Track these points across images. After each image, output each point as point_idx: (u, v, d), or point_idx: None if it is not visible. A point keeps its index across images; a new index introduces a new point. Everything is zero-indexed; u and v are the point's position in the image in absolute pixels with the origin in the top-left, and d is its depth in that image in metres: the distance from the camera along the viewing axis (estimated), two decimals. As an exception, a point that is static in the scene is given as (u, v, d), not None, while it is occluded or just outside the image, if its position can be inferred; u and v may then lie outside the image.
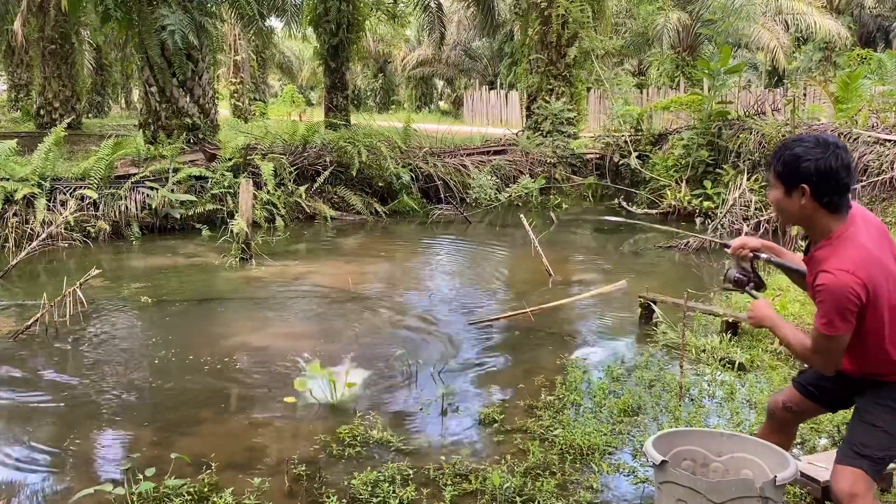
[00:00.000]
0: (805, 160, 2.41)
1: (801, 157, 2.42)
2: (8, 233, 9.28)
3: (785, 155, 2.46)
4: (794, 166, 2.43)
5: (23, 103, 22.73)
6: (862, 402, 2.60)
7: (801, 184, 2.42)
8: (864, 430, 2.54)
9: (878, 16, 31.75)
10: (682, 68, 24.63)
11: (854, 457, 2.50)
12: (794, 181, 2.44)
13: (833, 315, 2.37)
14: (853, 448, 2.52)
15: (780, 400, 2.88)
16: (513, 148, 14.57)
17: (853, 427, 2.60)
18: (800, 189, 2.43)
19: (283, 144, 12.34)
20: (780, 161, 2.47)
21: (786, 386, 2.93)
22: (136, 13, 12.14)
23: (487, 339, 5.99)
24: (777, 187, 2.50)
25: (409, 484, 3.49)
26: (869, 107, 10.98)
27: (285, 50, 38.06)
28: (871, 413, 2.54)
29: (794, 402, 2.83)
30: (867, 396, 2.59)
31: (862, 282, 2.35)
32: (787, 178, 2.45)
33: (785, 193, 2.48)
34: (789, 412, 2.85)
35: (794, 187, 2.44)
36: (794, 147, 2.46)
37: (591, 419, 4.12)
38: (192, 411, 4.47)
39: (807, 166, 2.40)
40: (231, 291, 7.59)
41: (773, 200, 2.55)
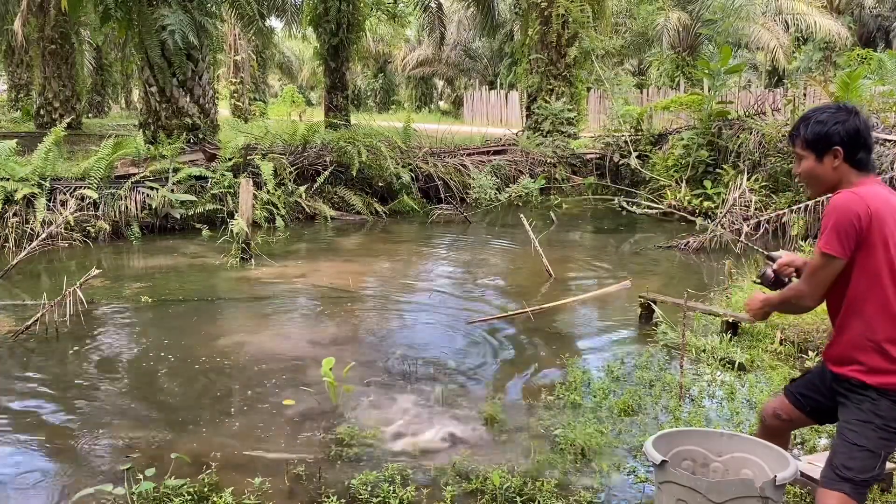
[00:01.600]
0: (834, 124, 2.49)
1: (828, 122, 2.49)
2: (8, 233, 9.28)
3: (812, 123, 2.52)
4: (824, 131, 2.49)
5: (23, 103, 22.73)
6: (845, 418, 2.53)
7: (833, 146, 2.48)
8: (847, 452, 2.47)
9: (879, 16, 31.75)
10: (682, 68, 24.65)
11: (836, 479, 2.45)
12: (827, 145, 2.50)
13: (832, 233, 2.41)
14: (835, 471, 2.47)
15: (771, 407, 2.86)
16: (513, 148, 14.58)
17: (836, 447, 2.53)
18: (832, 152, 2.49)
19: (283, 144, 12.34)
20: (808, 129, 2.52)
21: (780, 393, 2.90)
22: (136, 13, 12.15)
23: (487, 338, 5.98)
24: (807, 157, 2.55)
25: (409, 484, 3.49)
26: (869, 107, 10.98)
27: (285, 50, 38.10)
28: (854, 431, 2.47)
29: (784, 411, 2.80)
30: (851, 412, 2.51)
31: (866, 204, 2.40)
32: (818, 145, 2.51)
33: (817, 160, 2.53)
34: (779, 420, 2.82)
35: (827, 151, 2.50)
36: (818, 115, 2.53)
37: (591, 419, 4.12)
38: (192, 411, 4.47)
39: (836, 129, 2.48)
40: (231, 291, 7.59)
41: (806, 170, 2.57)
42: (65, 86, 19.48)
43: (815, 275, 2.49)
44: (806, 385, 2.76)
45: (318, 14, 16.76)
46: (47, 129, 12.50)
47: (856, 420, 2.48)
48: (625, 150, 13.89)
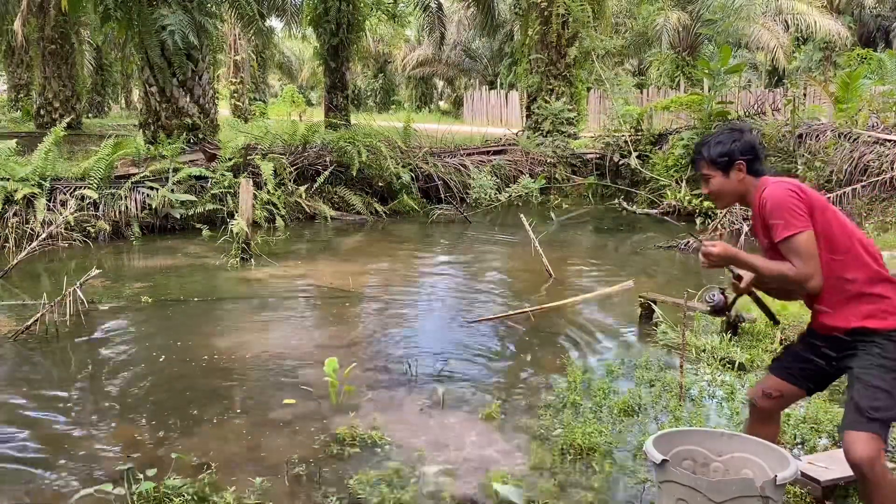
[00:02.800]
0: (732, 142, 2.79)
1: (727, 142, 2.80)
2: (8, 233, 9.28)
3: (713, 145, 2.82)
4: (726, 150, 2.79)
5: (23, 103, 22.72)
6: (860, 367, 2.64)
7: (736, 161, 2.78)
8: (871, 394, 2.58)
9: (879, 16, 31.75)
10: (682, 68, 24.65)
11: (866, 422, 2.55)
12: (731, 162, 2.79)
13: (784, 216, 2.63)
14: (865, 414, 2.56)
15: (759, 389, 2.95)
16: (513, 148, 14.58)
17: (858, 394, 2.60)
18: (736, 166, 2.79)
19: (283, 144, 12.35)
20: (710, 151, 2.82)
21: (766, 374, 2.99)
22: (136, 13, 12.15)
23: (487, 338, 5.98)
24: (714, 175, 2.83)
25: (409, 484, 3.49)
26: (869, 107, 10.98)
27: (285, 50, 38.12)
28: (874, 375, 2.60)
29: (774, 388, 2.89)
30: (863, 359, 2.64)
31: (795, 186, 2.69)
32: (723, 163, 2.80)
33: (724, 175, 2.81)
34: (770, 399, 2.90)
35: (731, 167, 2.79)
36: (716, 138, 2.84)
37: (591, 419, 4.12)
38: (193, 411, 4.46)
39: (735, 146, 2.79)
40: (231, 291, 7.59)
41: (715, 188, 2.84)
42: (65, 86, 19.48)
43: (805, 252, 2.62)
44: (793, 358, 2.91)
45: (318, 14, 16.76)
46: (47, 129, 12.49)
47: (870, 364, 2.62)
48: (625, 150, 13.88)
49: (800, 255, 2.63)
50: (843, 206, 9.02)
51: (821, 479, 3.19)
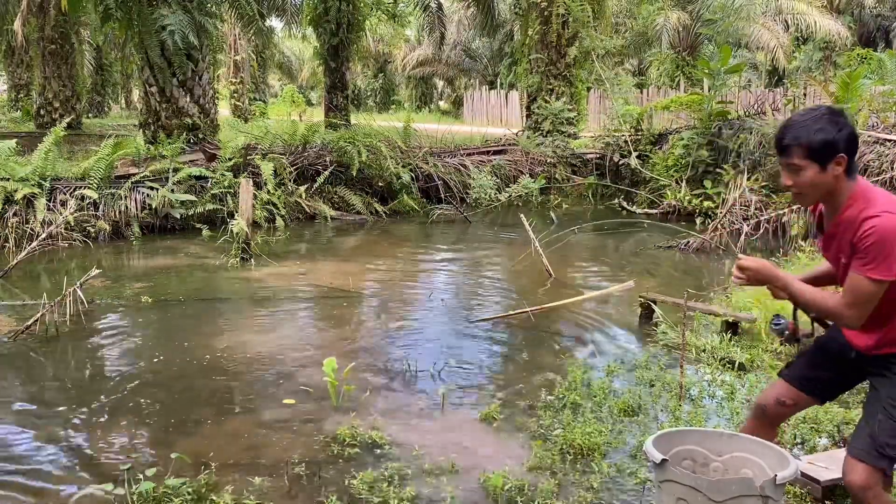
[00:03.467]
0: (837, 130, 2.39)
1: (831, 129, 2.38)
2: (8, 233, 9.28)
3: (814, 130, 2.39)
4: (830, 139, 2.38)
5: (23, 103, 22.72)
6: (889, 396, 2.49)
7: (838, 154, 2.39)
8: (892, 430, 2.45)
9: (879, 15, 31.75)
10: (682, 68, 24.65)
11: (877, 456, 2.44)
12: (833, 153, 2.39)
13: (885, 256, 2.31)
14: (879, 448, 2.44)
15: (772, 396, 2.82)
16: (513, 148, 14.58)
17: (879, 425, 2.47)
18: (837, 160, 2.40)
19: (283, 144, 12.35)
20: (810, 138, 2.39)
21: (774, 381, 2.87)
22: (136, 13, 12.15)
23: (487, 338, 5.99)
24: (809, 167, 2.41)
25: (409, 484, 3.49)
26: (869, 107, 10.98)
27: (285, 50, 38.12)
28: (888, 401, 2.47)
29: (790, 397, 2.78)
30: (889, 382, 2.49)
31: None
32: (822, 154, 2.39)
33: (821, 169, 2.41)
34: (783, 406, 2.80)
35: (831, 159, 2.40)
36: (816, 122, 2.41)
37: (591, 419, 4.12)
38: (192, 411, 4.47)
39: (841, 136, 2.38)
40: (231, 291, 7.59)
41: (807, 181, 2.43)
42: (65, 86, 19.48)
43: (864, 301, 2.40)
44: (808, 366, 2.76)
45: (318, 14, 16.76)
46: (47, 129, 12.49)
47: (892, 389, 2.48)
48: (625, 149, 13.89)
49: (860, 300, 2.40)
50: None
51: (821, 479, 3.19)
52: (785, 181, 2.50)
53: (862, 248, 2.36)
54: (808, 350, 2.82)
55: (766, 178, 10.71)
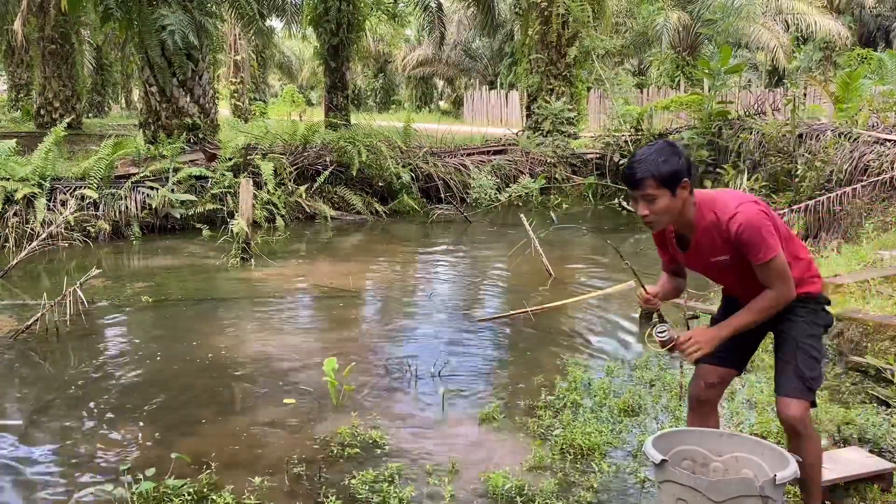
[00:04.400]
0: (678, 160, 2.68)
1: (672, 160, 2.67)
2: (8, 232, 9.29)
3: (660, 163, 2.66)
4: (672, 169, 2.66)
5: (23, 103, 22.70)
6: (801, 336, 2.80)
7: (683, 179, 2.68)
8: (812, 365, 2.78)
9: (879, 15, 31.75)
10: (683, 68, 24.65)
11: (807, 391, 2.77)
12: (677, 180, 2.68)
13: (765, 237, 2.65)
14: (806, 384, 2.76)
15: (700, 384, 2.99)
16: (513, 148, 14.58)
17: (802, 363, 2.77)
18: (682, 185, 2.69)
19: (283, 144, 12.35)
20: (659, 170, 2.66)
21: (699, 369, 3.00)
22: (136, 13, 12.15)
23: (487, 338, 5.99)
24: (662, 195, 2.68)
25: (409, 484, 3.49)
26: (869, 106, 10.98)
27: (285, 50, 38.10)
28: (811, 346, 2.79)
29: (716, 375, 2.96)
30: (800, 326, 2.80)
31: (762, 205, 2.73)
32: (670, 181, 2.67)
33: (672, 196, 2.69)
34: (713, 388, 2.98)
35: (677, 185, 2.68)
36: (660, 156, 2.68)
37: (591, 419, 4.12)
38: (192, 411, 4.47)
39: (681, 164, 2.69)
40: (231, 291, 7.59)
41: (662, 208, 2.70)
42: (65, 86, 19.46)
43: (784, 274, 2.71)
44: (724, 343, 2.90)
45: (318, 14, 16.75)
46: (47, 129, 12.49)
47: (807, 334, 2.81)
48: (625, 149, 13.89)
49: (781, 276, 2.70)
50: (843, 205, 9.01)
51: (820, 479, 3.19)
52: (641, 211, 2.75)
53: (745, 242, 2.68)
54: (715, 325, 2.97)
55: (766, 177, 10.71)
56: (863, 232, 8.09)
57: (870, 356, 4.72)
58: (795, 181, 10.04)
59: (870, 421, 3.95)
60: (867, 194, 8.99)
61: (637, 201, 2.74)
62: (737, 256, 2.75)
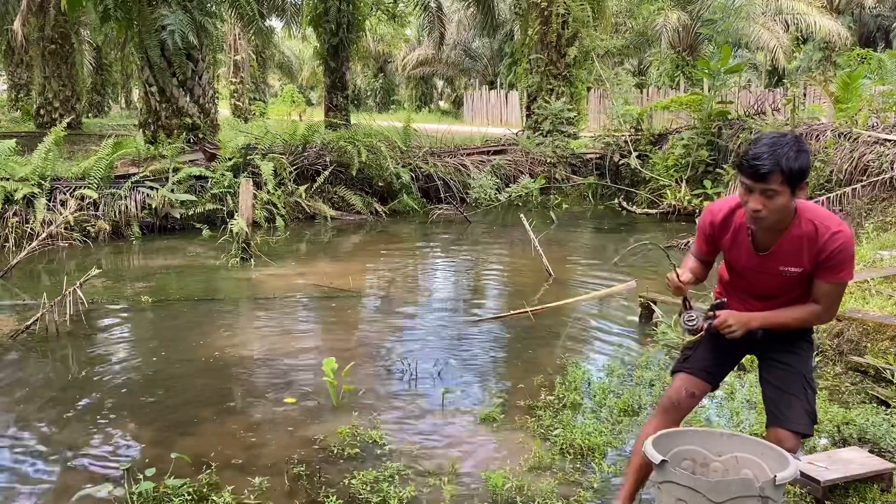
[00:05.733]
0: (806, 158, 2.42)
1: (802, 157, 2.41)
2: (8, 232, 9.28)
3: (792, 158, 2.39)
4: (802, 167, 2.41)
5: (23, 103, 22.70)
6: (806, 370, 2.75)
7: (805, 180, 2.45)
8: (814, 399, 2.75)
9: (879, 15, 31.75)
10: (682, 68, 24.66)
11: (811, 427, 2.74)
12: (803, 179, 2.43)
13: (851, 264, 2.57)
14: (813, 419, 2.73)
15: (682, 389, 2.90)
16: (513, 148, 14.59)
17: (809, 399, 2.72)
18: (803, 186, 2.46)
19: (283, 144, 12.35)
20: (791, 165, 2.38)
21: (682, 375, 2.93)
22: (136, 13, 12.15)
23: (487, 338, 5.99)
24: (783, 192, 2.43)
25: (409, 484, 3.49)
26: (869, 107, 10.97)
27: (285, 50, 38.08)
28: (811, 379, 2.75)
29: (698, 388, 2.91)
30: (804, 361, 2.76)
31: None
32: (797, 180, 2.42)
33: (792, 195, 2.45)
34: (693, 398, 2.93)
35: (801, 185, 2.45)
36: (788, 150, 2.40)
37: (591, 419, 4.12)
38: (192, 411, 4.47)
39: (809, 163, 2.44)
40: (231, 291, 7.59)
41: (779, 206, 2.46)
42: (65, 86, 19.46)
43: (839, 299, 2.67)
44: (711, 356, 2.90)
45: (318, 14, 16.76)
46: (47, 128, 12.50)
47: (810, 369, 2.79)
48: (625, 149, 13.89)
49: (837, 301, 2.67)
50: (843, 205, 9.01)
51: (821, 479, 3.19)
52: (754, 205, 2.48)
53: (837, 259, 2.53)
54: (702, 342, 2.90)
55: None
56: (863, 232, 8.09)
57: (870, 356, 4.72)
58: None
59: (870, 421, 3.95)
60: (867, 194, 8.99)
61: (751, 192, 2.47)
62: (806, 272, 2.61)
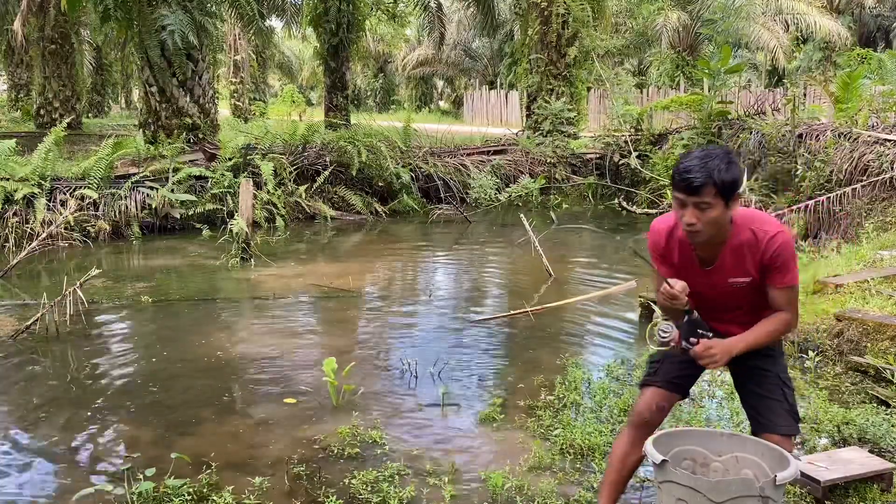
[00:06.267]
0: (737, 169, 2.49)
1: (734, 167, 2.47)
2: (8, 233, 9.29)
3: (723, 170, 2.44)
4: (734, 178, 2.46)
5: (23, 103, 22.69)
6: (783, 372, 2.76)
7: (738, 191, 2.49)
8: (793, 397, 2.75)
9: (879, 15, 31.75)
10: (682, 68, 24.66)
11: (797, 426, 2.74)
12: (734, 191, 2.48)
13: (796, 263, 2.60)
14: (797, 420, 2.74)
15: (652, 403, 2.87)
16: (513, 148, 14.59)
17: (791, 399, 2.73)
18: (736, 196, 2.50)
19: (283, 144, 12.35)
20: (722, 177, 2.44)
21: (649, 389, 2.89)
22: (136, 13, 12.15)
23: (487, 338, 5.99)
24: (717, 204, 2.47)
25: (409, 484, 3.49)
26: (869, 107, 10.97)
27: (285, 50, 38.08)
28: (787, 377, 2.77)
29: (667, 400, 2.89)
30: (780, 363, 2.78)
31: None
32: (730, 191, 2.47)
33: (725, 207, 2.49)
34: (662, 412, 2.90)
35: (734, 196, 2.49)
36: (723, 160, 2.47)
37: (591, 419, 4.12)
38: (192, 411, 4.47)
39: (740, 174, 2.50)
40: (231, 291, 7.59)
41: (713, 219, 2.48)
42: (65, 86, 19.46)
43: (797, 301, 2.67)
44: (678, 369, 2.89)
45: (318, 14, 16.76)
46: (47, 129, 12.50)
47: (784, 368, 2.79)
48: (625, 149, 13.89)
49: (793, 305, 2.64)
50: (843, 205, 9.01)
51: (821, 479, 3.19)
52: (689, 219, 2.49)
53: (779, 264, 2.55)
54: (667, 357, 2.89)
55: (767, 177, 10.71)
56: (863, 232, 8.09)
57: (870, 356, 4.72)
58: (795, 181, 10.04)
59: (870, 421, 3.95)
60: (867, 194, 8.99)
61: (685, 206, 2.50)
62: (756, 280, 2.62)
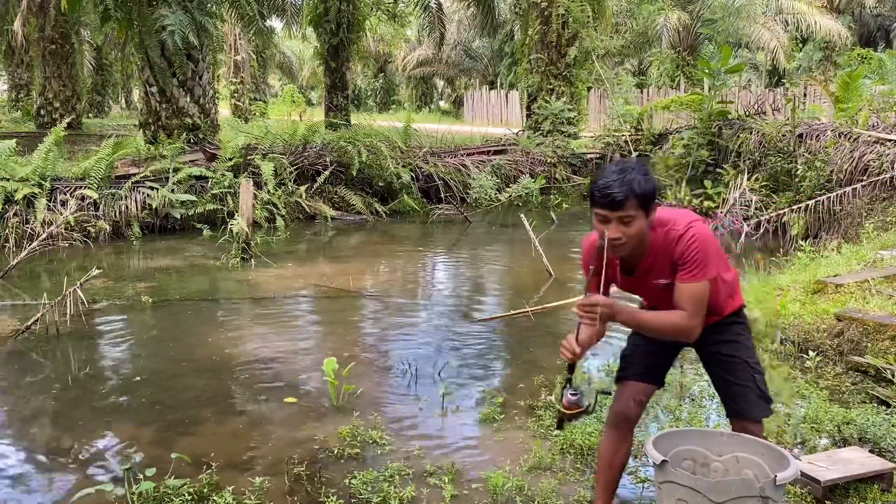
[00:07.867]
0: (653, 179, 2.54)
1: (650, 179, 2.52)
2: (8, 233, 9.29)
3: (642, 181, 2.49)
4: (652, 188, 2.52)
5: (23, 103, 22.70)
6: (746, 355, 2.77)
7: (654, 201, 2.55)
8: (763, 381, 2.76)
9: (879, 15, 31.75)
10: (683, 68, 24.66)
11: (768, 407, 2.78)
12: (652, 200, 2.54)
13: (709, 259, 2.57)
14: (767, 401, 2.77)
15: (630, 402, 2.88)
16: (513, 148, 14.59)
17: (757, 382, 2.74)
18: (654, 206, 2.56)
19: (283, 144, 12.35)
20: (642, 189, 2.48)
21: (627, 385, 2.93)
22: (136, 13, 12.14)
23: (487, 338, 5.99)
24: (639, 216, 2.52)
25: (409, 484, 3.49)
26: (869, 106, 10.97)
27: (285, 50, 38.10)
28: (755, 361, 2.78)
29: (644, 393, 2.91)
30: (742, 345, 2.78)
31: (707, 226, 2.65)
32: (648, 202, 2.52)
33: (646, 216, 2.54)
34: (641, 406, 2.92)
35: (652, 207, 2.55)
36: (638, 174, 2.51)
37: (591, 419, 4.12)
38: (192, 411, 4.47)
39: (656, 183, 2.56)
40: (231, 291, 7.59)
41: (636, 231, 2.52)
42: (65, 86, 19.47)
43: (702, 304, 2.59)
44: (650, 358, 2.92)
45: (318, 14, 16.76)
46: (47, 129, 12.50)
47: (747, 351, 2.79)
48: (625, 149, 13.90)
49: (699, 304, 2.58)
50: (843, 205, 9.02)
51: (821, 479, 3.19)
52: (613, 234, 2.52)
53: (688, 258, 2.56)
54: (641, 345, 2.95)
55: (767, 177, 10.71)
56: (863, 232, 8.09)
57: (870, 356, 4.72)
58: (795, 181, 10.04)
59: (870, 421, 3.95)
60: (867, 194, 8.99)
61: (607, 222, 2.52)
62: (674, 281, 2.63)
